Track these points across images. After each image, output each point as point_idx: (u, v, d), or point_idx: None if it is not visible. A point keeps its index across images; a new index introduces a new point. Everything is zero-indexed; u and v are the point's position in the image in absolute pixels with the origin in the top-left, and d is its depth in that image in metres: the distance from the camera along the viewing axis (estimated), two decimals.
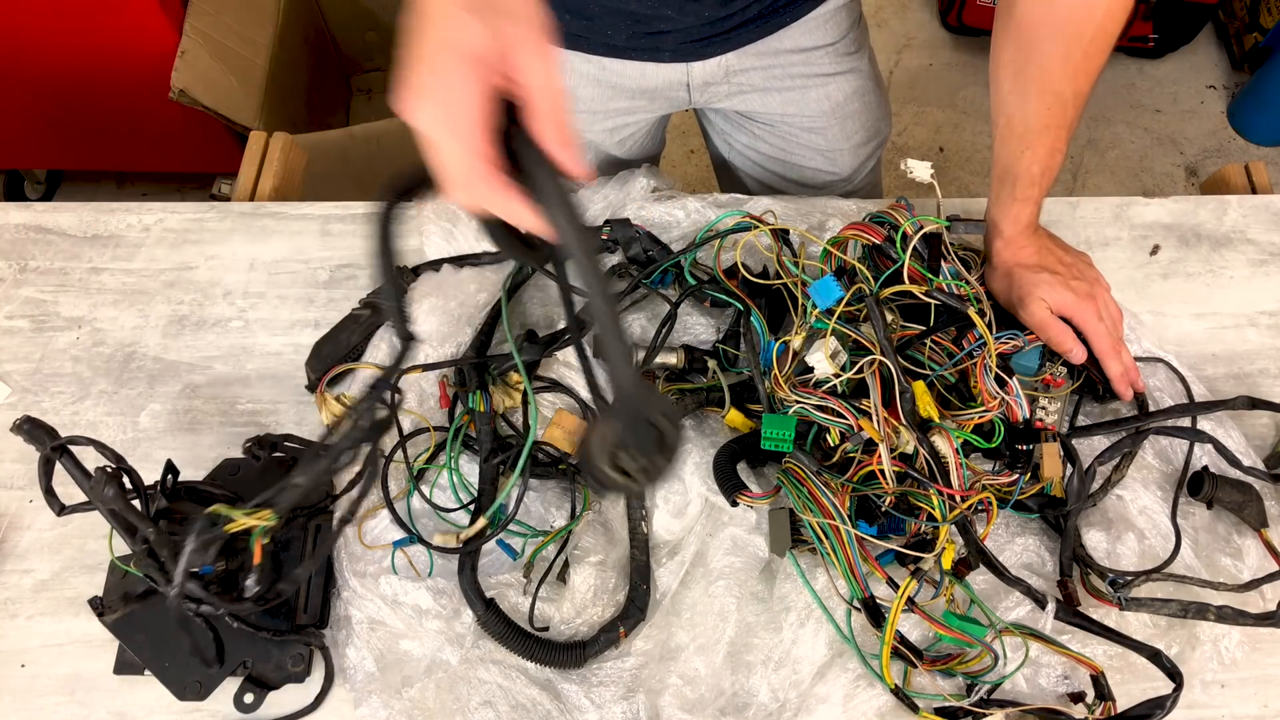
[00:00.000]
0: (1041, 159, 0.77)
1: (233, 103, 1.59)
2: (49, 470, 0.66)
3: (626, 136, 1.06)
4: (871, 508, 0.74)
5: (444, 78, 0.48)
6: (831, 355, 0.75)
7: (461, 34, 0.48)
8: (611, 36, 0.90)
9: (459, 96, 0.48)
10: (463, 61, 0.48)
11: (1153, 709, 0.70)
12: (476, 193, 0.49)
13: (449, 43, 0.48)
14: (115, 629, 0.75)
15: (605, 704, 0.73)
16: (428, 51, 0.49)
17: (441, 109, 0.48)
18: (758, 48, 0.94)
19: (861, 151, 1.08)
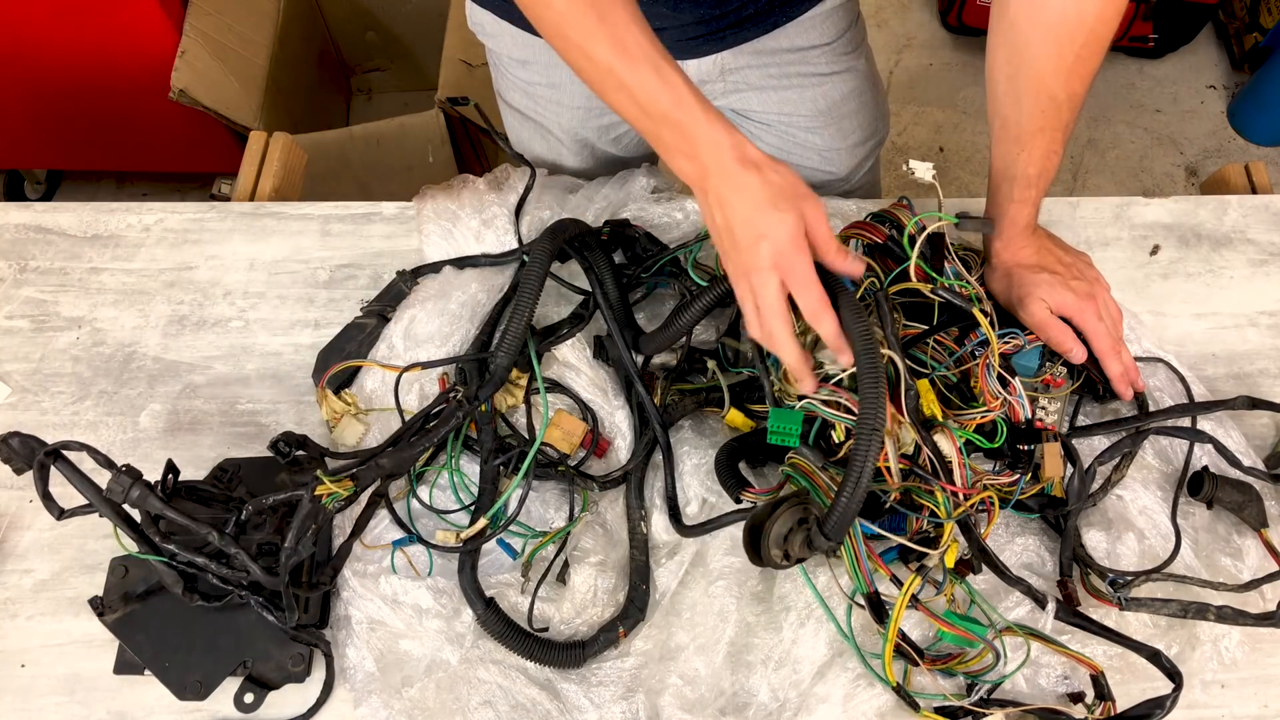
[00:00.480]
0: (1037, 161, 0.77)
1: (233, 103, 1.59)
2: (44, 476, 0.66)
3: (622, 134, 1.06)
4: (874, 505, 0.74)
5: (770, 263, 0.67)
6: None
7: (779, 227, 0.67)
8: None
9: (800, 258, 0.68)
10: (790, 244, 0.67)
11: (1152, 709, 0.70)
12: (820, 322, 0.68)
13: (767, 235, 0.67)
14: (115, 629, 0.75)
15: (605, 704, 0.73)
16: (749, 242, 0.68)
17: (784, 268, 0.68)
18: (754, 46, 0.94)
19: (859, 151, 1.08)
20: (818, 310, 0.67)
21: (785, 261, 0.67)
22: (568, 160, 1.07)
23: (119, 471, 0.67)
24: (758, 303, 0.69)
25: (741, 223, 0.68)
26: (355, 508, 0.79)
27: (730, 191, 0.68)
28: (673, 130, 0.69)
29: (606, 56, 0.67)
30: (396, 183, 1.64)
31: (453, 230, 0.94)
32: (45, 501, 0.67)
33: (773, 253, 0.67)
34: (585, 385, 0.85)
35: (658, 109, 0.68)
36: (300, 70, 1.85)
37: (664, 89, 0.67)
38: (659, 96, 0.68)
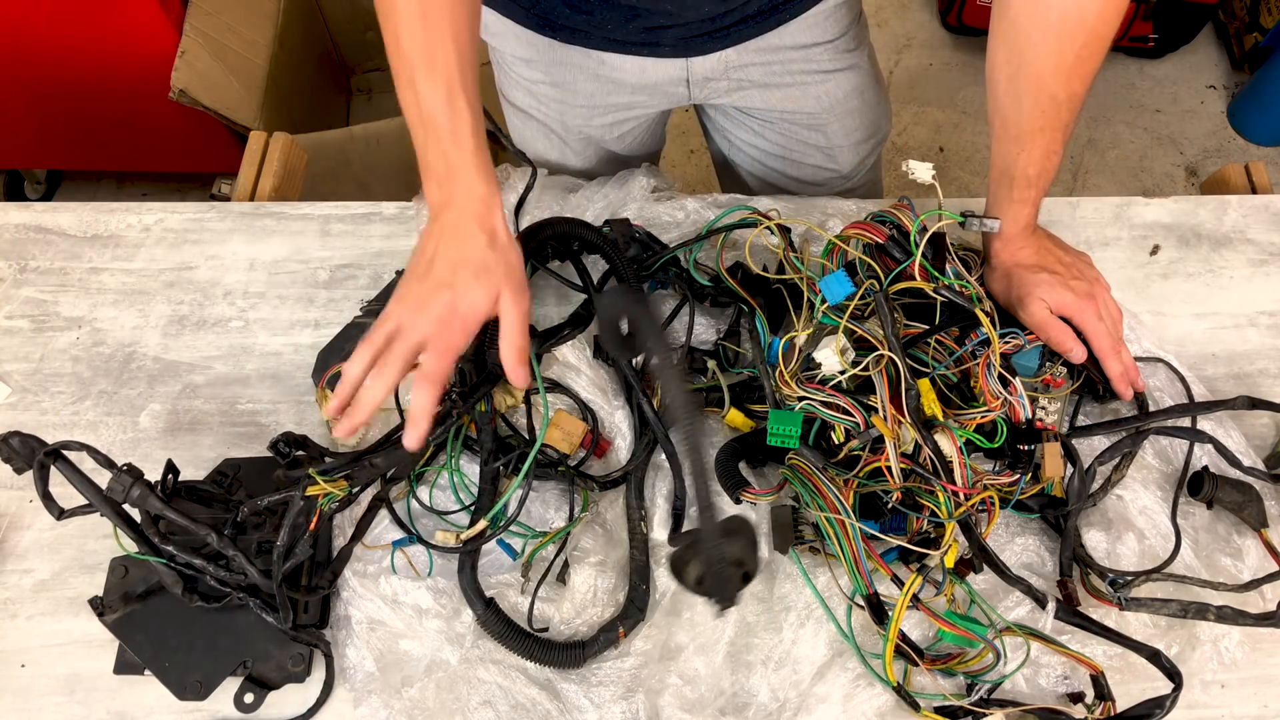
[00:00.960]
0: (1037, 160, 0.77)
1: (233, 103, 1.59)
2: (44, 476, 0.67)
3: (626, 132, 1.06)
4: (875, 506, 0.75)
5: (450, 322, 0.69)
6: (841, 352, 0.75)
7: (468, 294, 0.69)
8: (611, 31, 0.91)
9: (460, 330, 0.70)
10: (465, 314, 0.69)
11: (1152, 709, 0.70)
12: None
13: (454, 290, 0.69)
14: (115, 629, 0.75)
15: (604, 704, 0.73)
16: (436, 286, 0.69)
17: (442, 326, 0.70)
18: (757, 44, 0.94)
19: (861, 149, 1.08)
20: (429, 376, 0.69)
21: (447, 327, 0.69)
22: (571, 158, 1.07)
23: (120, 471, 0.67)
24: (394, 334, 0.70)
25: (444, 265, 0.70)
26: (356, 510, 0.79)
27: (456, 234, 0.70)
28: (439, 156, 0.70)
29: (412, 56, 0.69)
30: (396, 183, 1.64)
31: None
32: (45, 501, 0.67)
33: (445, 311, 0.69)
34: (585, 385, 0.85)
35: (435, 130, 0.70)
36: (300, 70, 1.85)
37: (448, 114, 0.69)
38: (440, 119, 0.69)
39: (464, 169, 0.70)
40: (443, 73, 0.69)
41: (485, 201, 0.71)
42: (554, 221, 0.87)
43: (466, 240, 0.70)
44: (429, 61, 0.69)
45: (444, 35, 0.69)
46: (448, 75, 0.69)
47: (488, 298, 0.70)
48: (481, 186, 0.71)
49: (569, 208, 0.95)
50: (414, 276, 0.72)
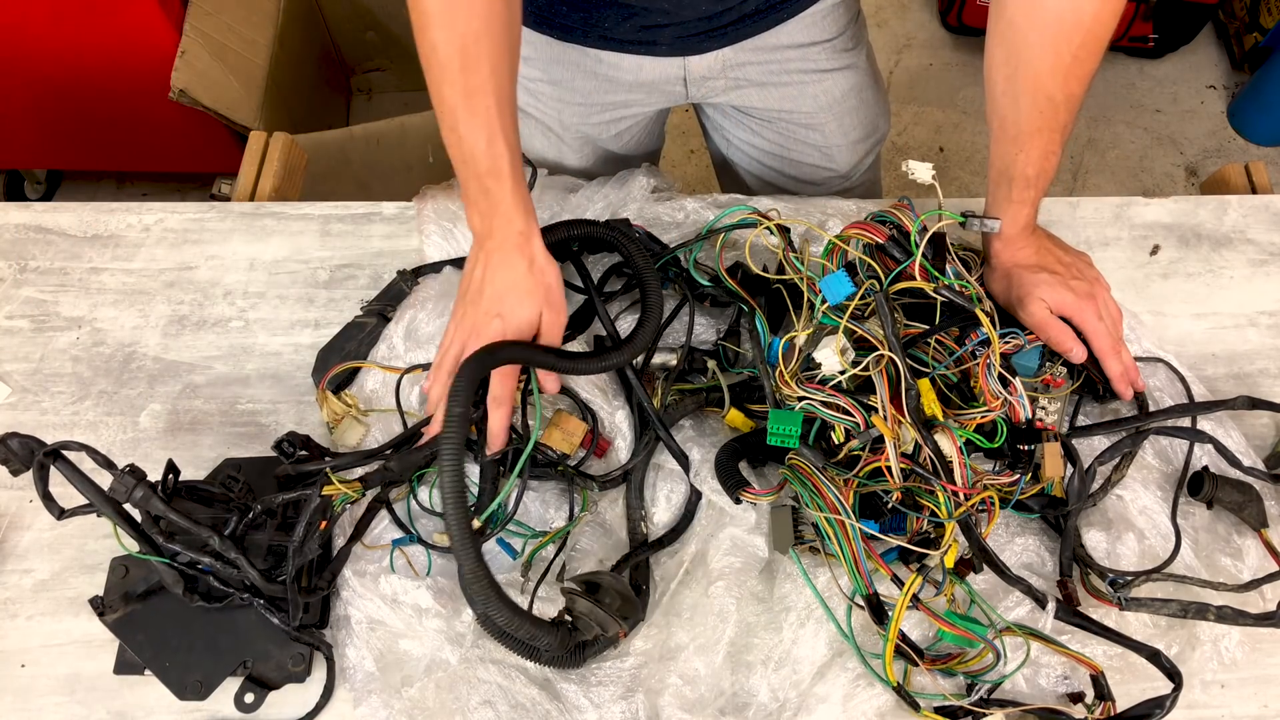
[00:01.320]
0: (1036, 161, 0.77)
1: (233, 103, 1.59)
2: (44, 476, 0.67)
3: (624, 130, 1.06)
4: (875, 506, 0.75)
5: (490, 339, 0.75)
6: (841, 351, 0.75)
7: (518, 314, 0.76)
8: (609, 29, 0.91)
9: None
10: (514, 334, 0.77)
11: (1152, 709, 0.70)
12: None
13: (504, 315, 0.76)
14: (116, 628, 0.75)
15: (604, 704, 0.73)
16: (488, 311, 0.77)
17: None
18: (755, 43, 0.94)
19: (860, 148, 1.08)
20: (498, 398, 0.77)
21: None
22: (569, 157, 1.07)
23: (122, 472, 0.67)
24: (458, 355, 0.77)
25: (493, 292, 0.77)
26: (354, 510, 0.79)
27: (500, 262, 0.77)
28: (481, 192, 0.76)
29: (454, 103, 0.74)
30: (396, 183, 1.64)
31: (453, 230, 0.94)
32: (45, 501, 0.67)
33: (499, 336, 0.76)
34: (585, 385, 0.85)
35: (475, 169, 0.75)
36: (300, 70, 1.85)
37: (487, 154, 0.75)
38: (480, 158, 0.75)
39: (503, 204, 0.76)
40: (483, 118, 0.74)
41: (524, 233, 0.77)
42: (572, 224, 0.87)
43: (509, 269, 0.77)
44: (470, 108, 0.74)
45: (484, 83, 0.74)
46: (488, 121, 0.74)
47: (532, 318, 0.77)
48: (520, 220, 0.77)
49: (569, 208, 0.95)
50: (467, 300, 0.79)
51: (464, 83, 0.73)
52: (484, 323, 0.77)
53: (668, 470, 0.82)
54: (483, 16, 0.73)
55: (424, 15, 0.73)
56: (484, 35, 0.73)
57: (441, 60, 0.73)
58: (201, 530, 0.68)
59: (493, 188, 0.76)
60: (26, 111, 1.77)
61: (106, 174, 2.12)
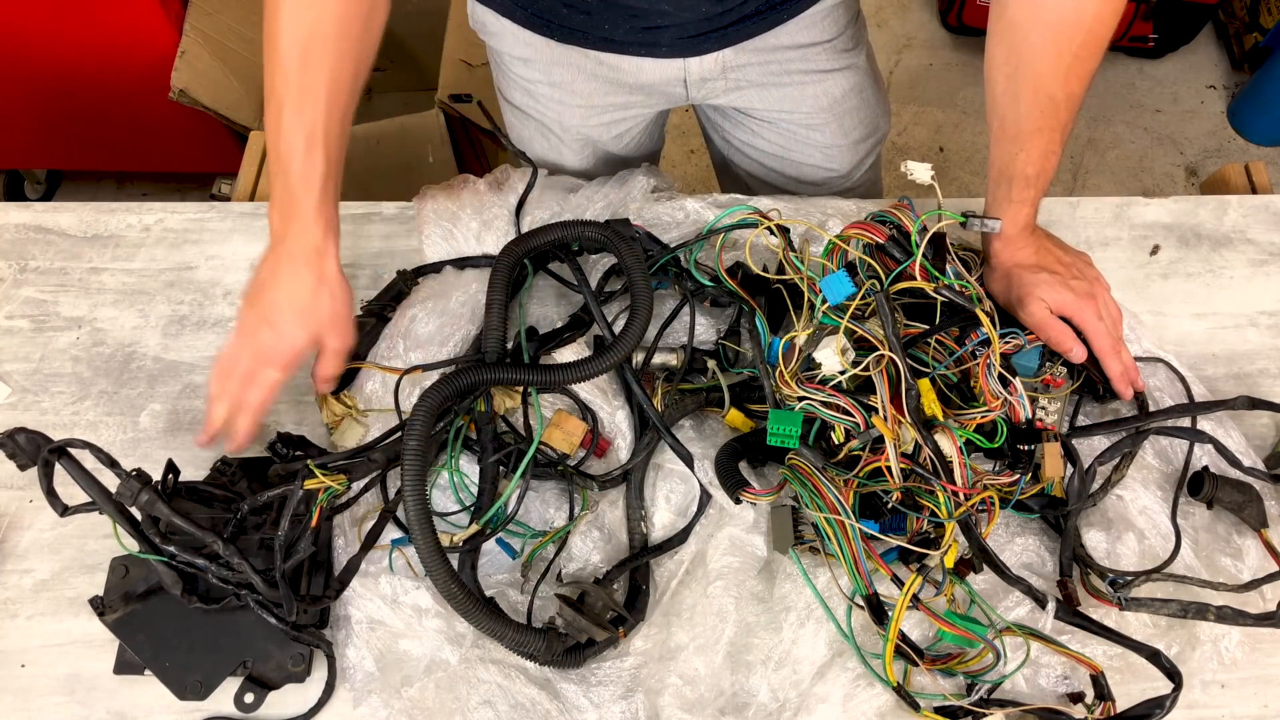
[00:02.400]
0: (1036, 161, 0.77)
1: (233, 103, 1.59)
2: (49, 473, 0.67)
3: (624, 132, 1.06)
4: (875, 506, 0.75)
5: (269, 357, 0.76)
6: (841, 351, 0.75)
7: (288, 333, 0.75)
8: (609, 31, 0.91)
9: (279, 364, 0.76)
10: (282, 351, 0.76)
11: (1152, 709, 0.70)
12: None
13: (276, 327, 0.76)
14: (115, 628, 0.75)
15: (604, 704, 0.73)
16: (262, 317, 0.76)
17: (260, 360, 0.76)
18: (755, 44, 0.94)
19: (860, 148, 1.08)
20: (250, 406, 0.75)
21: (267, 359, 0.75)
22: (569, 159, 1.07)
23: (129, 476, 0.67)
24: (235, 353, 0.76)
25: (271, 300, 0.76)
26: (356, 514, 0.79)
27: (288, 272, 0.76)
28: (286, 192, 0.74)
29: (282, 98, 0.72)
30: (396, 183, 1.63)
31: (453, 230, 0.94)
32: (49, 498, 0.68)
33: (265, 346, 0.75)
34: (585, 386, 0.85)
35: (288, 169, 0.74)
36: None
37: (304, 160, 0.73)
38: (294, 162, 0.73)
39: (305, 214, 0.74)
40: (308, 119, 0.72)
41: (318, 249, 0.76)
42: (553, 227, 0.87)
43: (294, 281, 0.75)
44: (297, 106, 0.72)
45: (318, 83, 0.72)
46: (312, 126, 0.72)
47: (307, 337, 0.76)
48: (318, 235, 0.75)
49: (569, 208, 0.95)
50: (248, 301, 0.77)
51: (298, 80, 0.71)
52: (255, 329, 0.76)
53: (667, 470, 0.82)
54: (335, 19, 0.71)
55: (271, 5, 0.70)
56: (332, 38, 0.71)
57: (281, 51, 0.71)
58: (206, 536, 0.68)
59: (299, 195, 0.74)
60: (26, 111, 1.77)
61: (106, 174, 2.12)
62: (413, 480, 0.71)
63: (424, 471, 0.71)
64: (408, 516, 0.70)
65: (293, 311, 0.75)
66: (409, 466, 0.71)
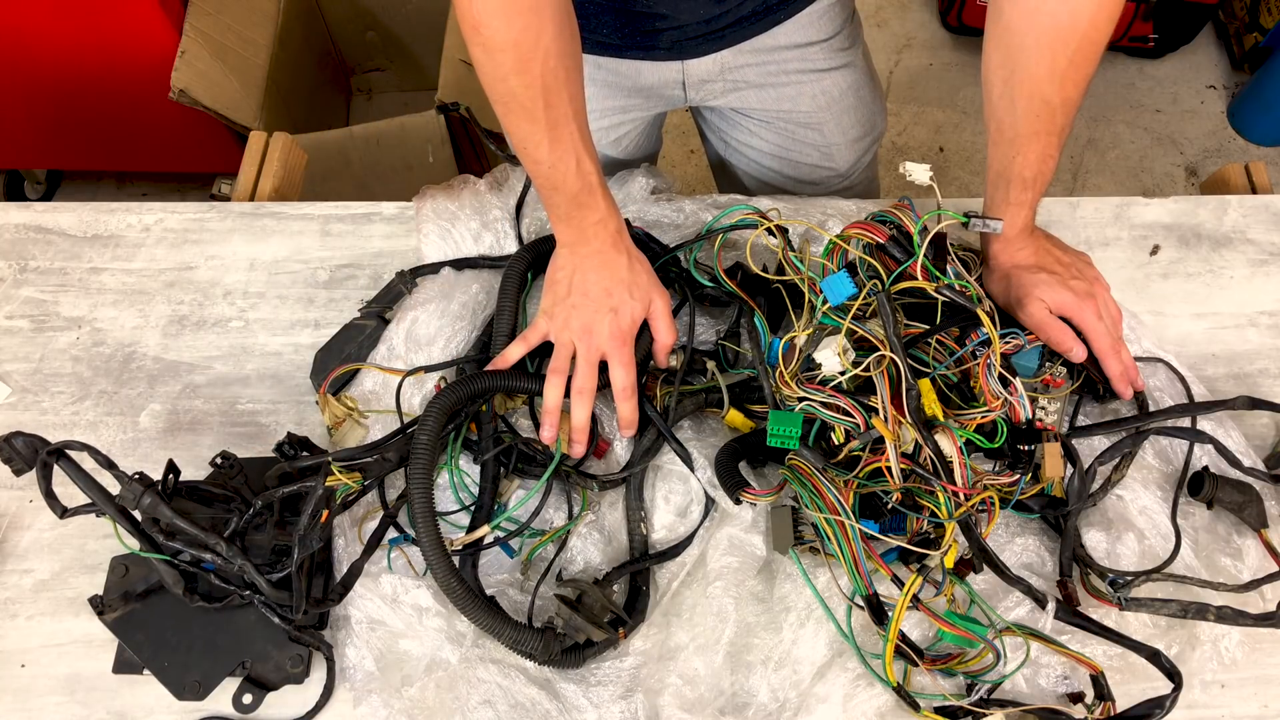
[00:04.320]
0: (1033, 164, 0.77)
1: (233, 103, 1.59)
2: (47, 474, 0.67)
3: (622, 135, 1.06)
4: (875, 506, 0.75)
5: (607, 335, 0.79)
6: (842, 352, 0.75)
7: (629, 308, 0.80)
8: (607, 34, 0.91)
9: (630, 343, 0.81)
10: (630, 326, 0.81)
11: (1152, 709, 0.70)
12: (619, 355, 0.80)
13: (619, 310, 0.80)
14: (115, 628, 0.75)
15: (604, 703, 0.73)
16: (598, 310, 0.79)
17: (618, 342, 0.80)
18: (752, 44, 0.94)
19: (858, 146, 1.08)
20: (628, 389, 0.79)
21: (618, 340, 0.79)
22: None
23: (131, 479, 0.67)
24: (579, 357, 0.80)
25: (599, 290, 0.79)
26: (358, 517, 0.79)
27: (600, 263, 0.80)
28: (573, 206, 0.78)
29: (538, 139, 0.75)
30: (396, 183, 1.64)
31: (452, 230, 0.94)
32: (49, 500, 0.68)
33: (614, 329, 0.79)
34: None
35: (567, 190, 0.77)
36: (300, 70, 1.85)
37: (577, 176, 0.77)
38: (570, 181, 0.77)
39: (597, 211, 0.79)
40: (569, 145, 0.76)
41: (619, 231, 0.81)
42: None
43: (612, 266, 0.80)
44: (555, 139, 0.75)
45: (565, 113, 0.75)
46: (574, 146, 0.76)
47: (644, 307, 0.81)
48: (615, 221, 0.81)
49: None
50: (568, 309, 0.80)
51: (547, 118, 0.74)
52: (596, 319, 0.79)
53: (667, 471, 0.82)
54: (558, 53, 0.73)
55: (499, 67, 0.73)
56: (560, 69, 0.74)
57: (523, 103, 0.74)
58: (209, 538, 0.68)
59: (586, 202, 0.78)
60: (26, 111, 1.77)
61: (106, 174, 2.12)
62: (419, 475, 0.71)
63: (431, 466, 0.72)
64: (411, 510, 0.71)
65: (624, 290, 0.80)
66: (416, 459, 0.71)
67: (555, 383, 0.79)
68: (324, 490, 0.71)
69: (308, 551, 0.71)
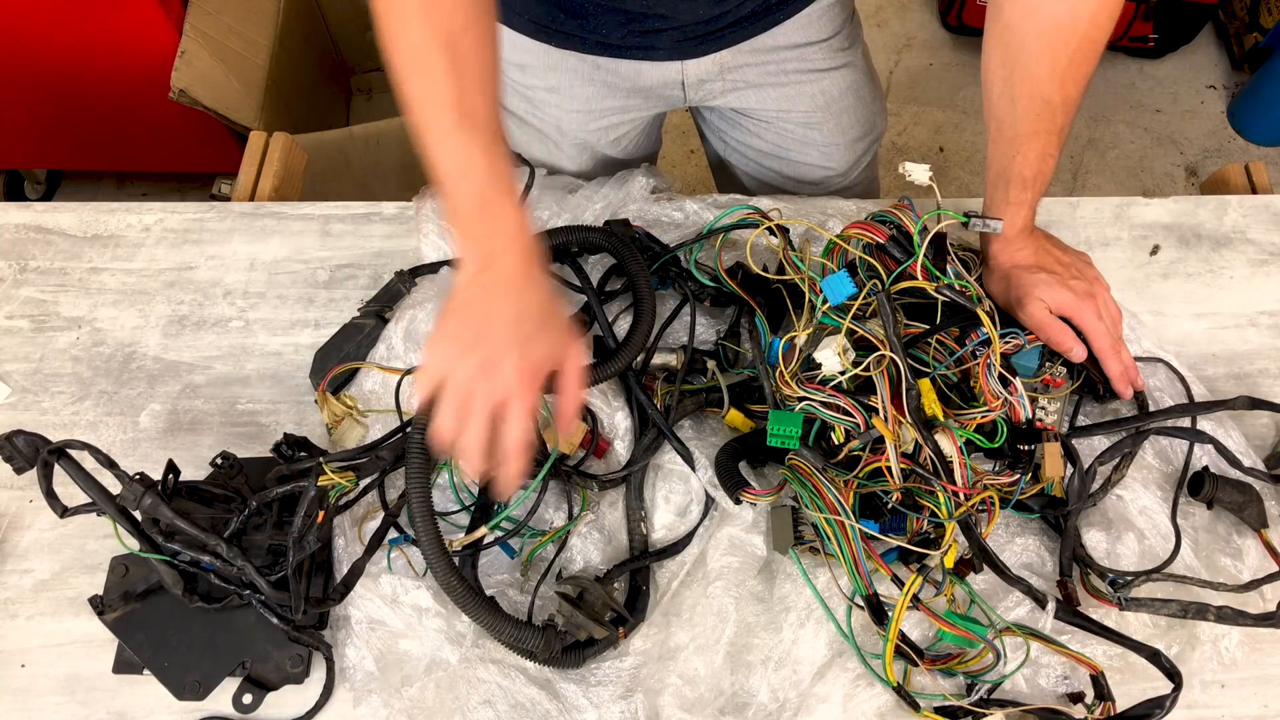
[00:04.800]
0: (1033, 163, 0.77)
1: (233, 103, 1.59)
2: (48, 474, 0.67)
3: (622, 135, 1.06)
4: (875, 506, 0.75)
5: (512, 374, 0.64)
6: (842, 351, 0.75)
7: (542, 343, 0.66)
8: (607, 35, 0.91)
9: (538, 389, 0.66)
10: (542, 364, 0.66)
11: (1152, 709, 0.70)
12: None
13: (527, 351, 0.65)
14: (115, 628, 0.75)
15: (604, 703, 0.73)
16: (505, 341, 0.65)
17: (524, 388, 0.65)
18: (752, 44, 0.94)
19: (857, 146, 1.08)
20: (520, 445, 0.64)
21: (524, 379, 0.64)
22: (566, 164, 1.07)
23: (131, 480, 0.67)
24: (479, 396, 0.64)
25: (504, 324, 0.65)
26: (358, 517, 0.79)
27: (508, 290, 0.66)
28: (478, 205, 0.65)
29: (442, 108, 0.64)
30: (396, 183, 1.64)
31: (451, 229, 0.94)
32: (49, 499, 0.68)
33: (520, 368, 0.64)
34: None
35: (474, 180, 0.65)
36: (300, 70, 1.85)
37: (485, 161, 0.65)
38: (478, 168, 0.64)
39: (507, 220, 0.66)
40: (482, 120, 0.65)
41: (534, 251, 0.68)
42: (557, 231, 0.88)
43: (521, 295, 0.66)
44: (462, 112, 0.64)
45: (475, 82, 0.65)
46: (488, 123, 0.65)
47: (560, 343, 0.68)
48: (527, 235, 0.67)
49: (569, 208, 0.95)
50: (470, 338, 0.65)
51: (454, 81, 0.64)
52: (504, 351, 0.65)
53: (667, 470, 0.82)
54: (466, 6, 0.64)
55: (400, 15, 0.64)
56: (470, 27, 0.64)
57: (427, 57, 0.63)
58: (210, 539, 0.68)
59: (492, 199, 0.65)
60: (26, 111, 1.77)
61: (106, 174, 2.12)
62: (417, 470, 0.68)
63: (429, 462, 0.68)
64: (410, 507, 0.69)
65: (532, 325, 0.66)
66: (413, 456, 0.68)
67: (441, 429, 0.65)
68: (316, 491, 0.71)
69: (304, 553, 0.71)
